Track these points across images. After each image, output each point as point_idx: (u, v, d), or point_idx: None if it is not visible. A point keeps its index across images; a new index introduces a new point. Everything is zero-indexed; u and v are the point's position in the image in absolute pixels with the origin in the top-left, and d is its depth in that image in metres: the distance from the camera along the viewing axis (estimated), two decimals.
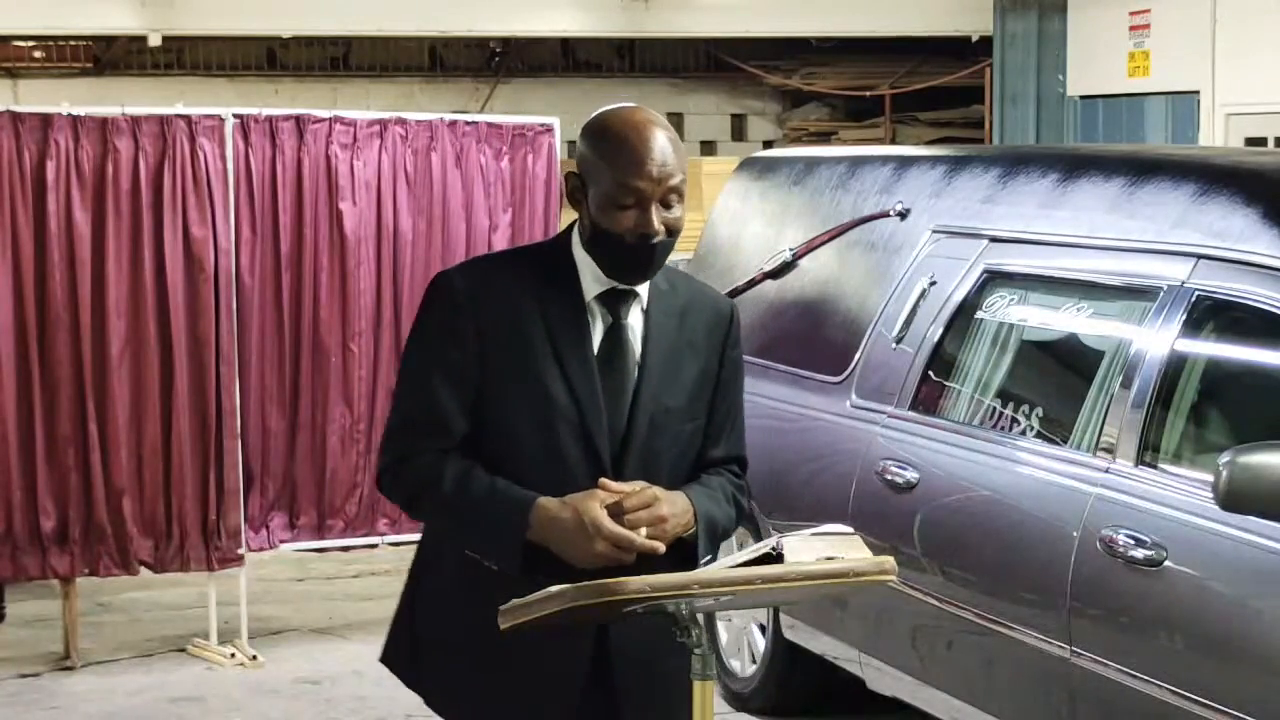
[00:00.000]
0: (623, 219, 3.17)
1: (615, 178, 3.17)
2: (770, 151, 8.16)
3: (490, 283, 3.27)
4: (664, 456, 3.31)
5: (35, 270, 7.05)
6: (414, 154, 7.58)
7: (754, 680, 6.51)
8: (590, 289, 3.27)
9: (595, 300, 3.27)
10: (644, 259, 3.22)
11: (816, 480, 6.01)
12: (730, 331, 3.41)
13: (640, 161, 3.16)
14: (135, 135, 7.13)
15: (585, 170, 3.24)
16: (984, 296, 5.63)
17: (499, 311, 3.22)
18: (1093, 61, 13.33)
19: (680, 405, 3.32)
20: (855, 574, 3.12)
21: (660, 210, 3.19)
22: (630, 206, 3.17)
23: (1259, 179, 5.04)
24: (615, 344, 3.27)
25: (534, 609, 2.97)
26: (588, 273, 3.27)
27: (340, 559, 8.67)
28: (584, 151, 3.25)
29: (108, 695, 6.97)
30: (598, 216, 3.20)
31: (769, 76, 16.51)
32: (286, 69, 16.17)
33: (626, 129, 3.20)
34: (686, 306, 3.36)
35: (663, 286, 3.34)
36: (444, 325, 3.24)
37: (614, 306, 3.28)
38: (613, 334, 3.28)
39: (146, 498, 7.24)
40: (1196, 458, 4.70)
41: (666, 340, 3.31)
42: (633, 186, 3.16)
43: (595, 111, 3.31)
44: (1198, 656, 4.42)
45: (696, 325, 3.36)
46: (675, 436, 3.33)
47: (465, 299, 3.22)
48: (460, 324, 3.22)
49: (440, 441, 3.24)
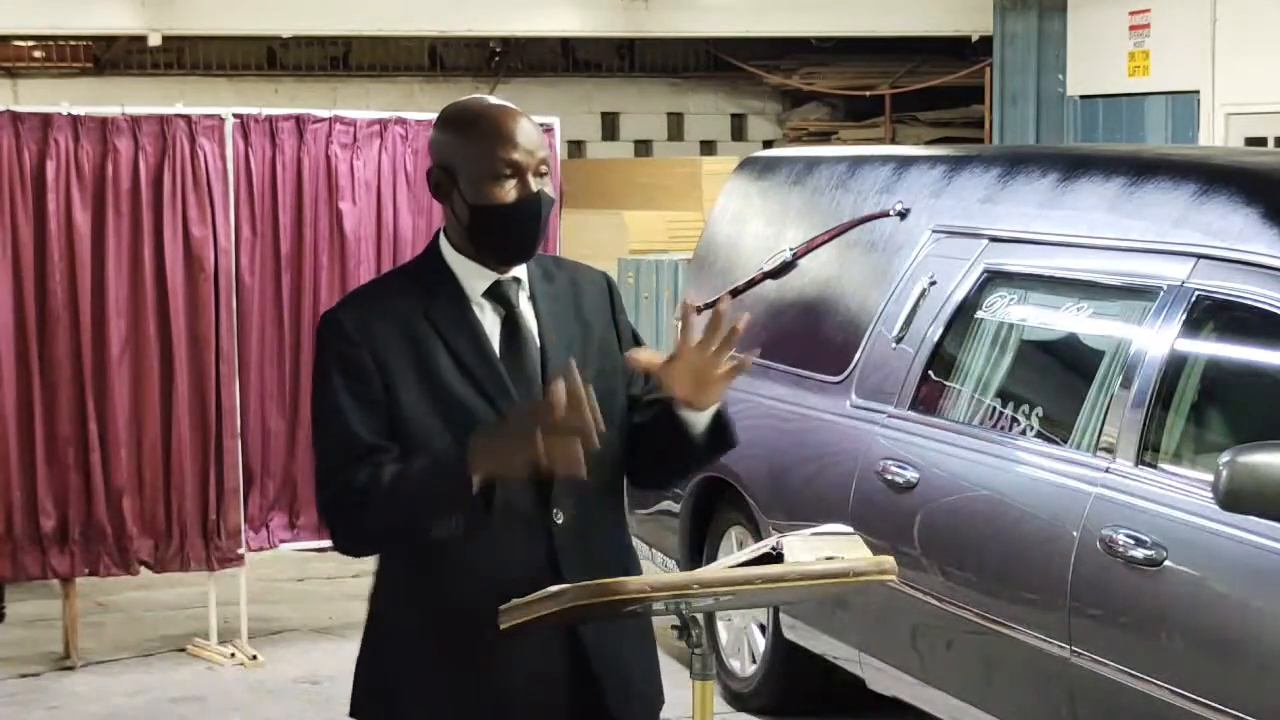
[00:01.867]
0: (504, 191, 3.17)
1: (490, 153, 3.17)
2: (770, 151, 8.15)
3: (373, 309, 3.22)
4: None
5: (35, 270, 7.05)
6: (414, 154, 7.57)
7: (754, 680, 6.51)
8: (474, 288, 3.24)
9: (483, 297, 3.25)
10: (531, 226, 3.20)
11: (816, 480, 6.01)
12: (613, 299, 3.40)
13: (511, 135, 3.18)
14: (135, 135, 7.13)
15: (451, 159, 3.22)
16: (984, 296, 5.63)
17: (390, 334, 3.18)
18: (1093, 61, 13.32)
19: (588, 377, 3.17)
20: (855, 574, 3.12)
21: (535, 180, 3.20)
22: (508, 177, 3.18)
23: (1259, 179, 5.05)
24: (513, 333, 3.24)
25: (533, 609, 2.97)
26: (467, 273, 3.25)
27: (340, 559, 8.61)
28: (447, 141, 3.24)
29: (108, 695, 6.97)
30: (477, 197, 3.18)
31: (769, 76, 16.51)
32: (286, 69, 16.17)
33: (488, 110, 3.24)
34: (566, 287, 3.34)
35: (539, 273, 3.32)
36: (340, 362, 3.18)
37: (502, 298, 3.25)
38: (509, 324, 3.24)
39: (146, 498, 7.24)
40: (1196, 458, 4.70)
41: (559, 322, 3.29)
42: (509, 159, 3.17)
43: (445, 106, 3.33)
44: (1198, 656, 4.42)
45: (582, 303, 3.34)
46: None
47: (354, 331, 3.18)
48: (356, 356, 3.17)
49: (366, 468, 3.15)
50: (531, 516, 3.18)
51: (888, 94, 15.67)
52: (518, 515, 3.15)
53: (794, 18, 14.54)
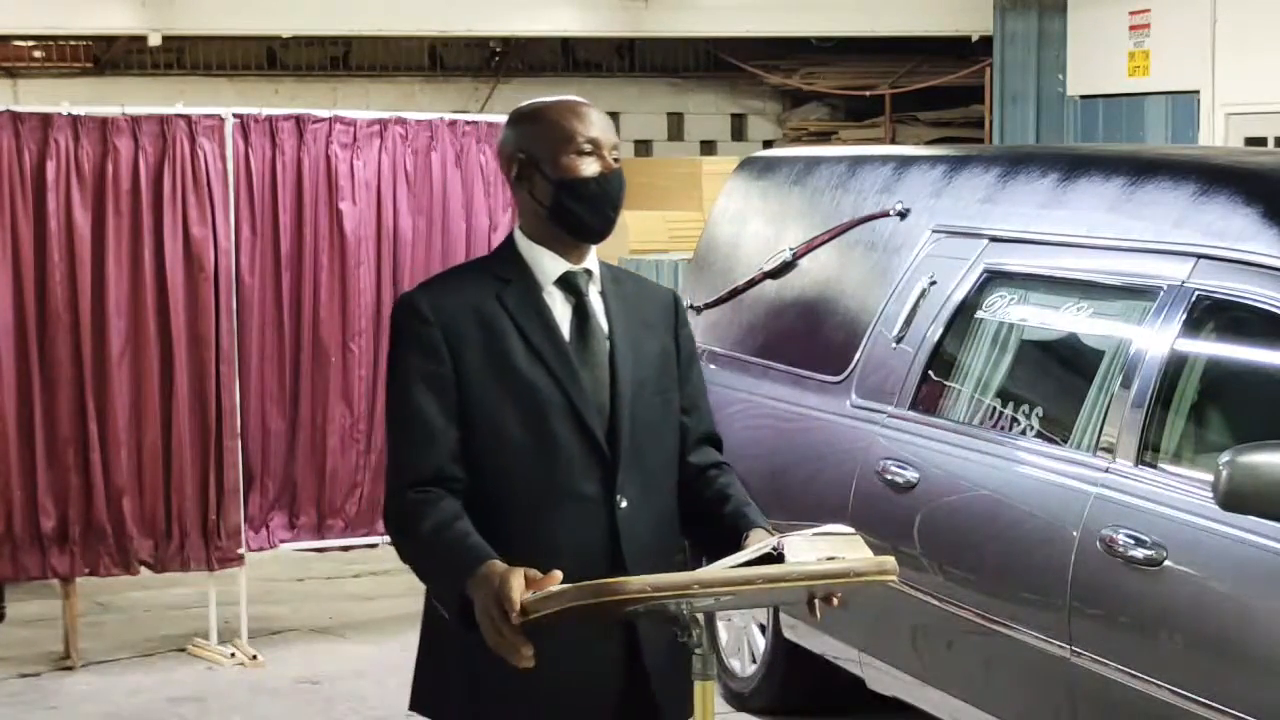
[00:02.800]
0: (586, 164, 3.32)
1: (571, 131, 3.32)
2: (770, 151, 8.15)
3: (451, 293, 3.36)
4: (648, 429, 3.37)
5: (35, 270, 7.06)
6: (414, 154, 7.58)
7: (754, 680, 6.51)
8: (547, 276, 3.36)
9: (554, 285, 3.36)
10: (611, 200, 3.34)
11: (816, 480, 6.01)
12: (678, 314, 3.53)
13: (588, 116, 3.36)
14: (135, 135, 7.13)
15: (531, 145, 3.36)
16: (984, 296, 5.63)
17: (465, 317, 3.30)
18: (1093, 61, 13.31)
19: (650, 377, 3.40)
20: (856, 574, 3.12)
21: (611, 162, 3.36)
22: (589, 153, 3.32)
23: (1259, 179, 5.04)
24: (584, 321, 3.36)
25: (534, 609, 2.98)
26: (542, 261, 3.37)
27: (340, 559, 8.67)
28: (524, 131, 3.39)
29: (108, 695, 6.98)
30: (561, 173, 3.32)
31: (769, 76, 16.50)
32: (286, 69, 16.15)
33: (566, 102, 3.40)
34: (634, 294, 3.48)
35: (610, 276, 3.46)
36: (414, 341, 3.30)
37: (573, 287, 3.37)
38: (580, 312, 3.36)
39: (146, 498, 7.25)
40: (1196, 458, 4.70)
41: (626, 318, 3.41)
42: (590, 136, 3.33)
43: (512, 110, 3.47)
44: (1198, 656, 4.42)
45: (647, 310, 3.47)
46: (652, 408, 3.39)
47: (428, 310, 3.30)
48: (429, 336, 3.28)
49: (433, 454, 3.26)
50: (597, 501, 3.30)
51: (888, 94, 15.66)
52: (583, 499, 3.28)
53: (794, 18, 14.53)
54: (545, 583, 3.00)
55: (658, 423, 3.40)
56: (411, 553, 3.27)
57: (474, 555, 3.13)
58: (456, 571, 3.13)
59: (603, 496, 3.30)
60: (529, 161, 3.35)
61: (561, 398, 3.28)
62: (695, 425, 3.51)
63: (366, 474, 7.54)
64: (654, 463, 3.38)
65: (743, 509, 3.43)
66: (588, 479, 3.29)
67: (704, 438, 3.53)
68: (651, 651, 3.32)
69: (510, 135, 3.41)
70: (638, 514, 3.32)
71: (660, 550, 3.34)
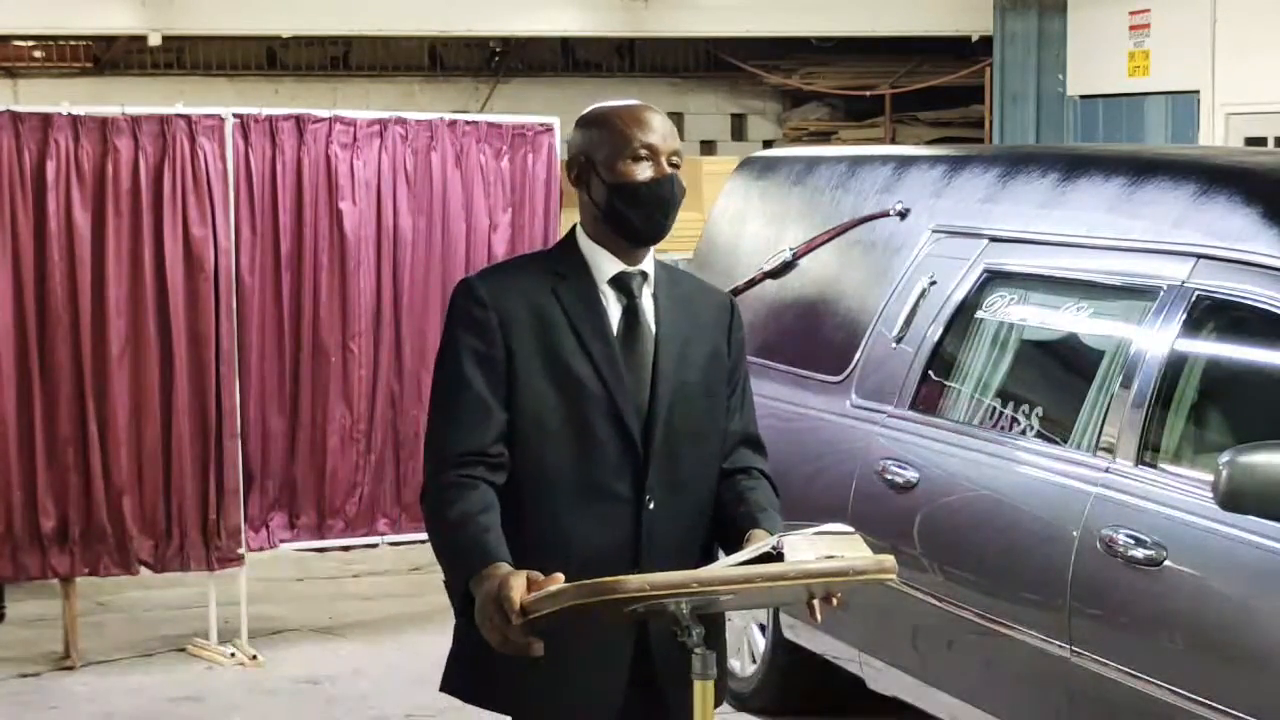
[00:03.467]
0: (640, 169, 3.38)
1: (629, 137, 3.39)
2: (770, 151, 8.15)
3: (507, 279, 3.44)
4: (685, 430, 3.42)
5: (35, 270, 7.05)
6: (414, 154, 7.58)
7: (754, 680, 6.51)
8: (602, 274, 3.43)
9: (608, 284, 3.43)
10: (664, 205, 3.40)
11: (816, 480, 6.01)
12: (733, 318, 3.59)
13: (648, 123, 3.42)
14: (135, 135, 7.13)
15: (590, 147, 3.44)
16: (984, 296, 5.63)
17: (519, 303, 3.37)
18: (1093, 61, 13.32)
19: (695, 381, 3.45)
20: (855, 573, 3.12)
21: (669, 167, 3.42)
22: (644, 159, 3.39)
23: (1259, 179, 5.04)
24: (632, 322, 3.42)
25: (533, 608, 2.98)
26: (598, 260, 3.44)
27: (340, 559, 8.67)
28: (587, 134, 3.46)
29: (108, 695, 6.97)
30: (615, 177, 3.38)
31: (769, 76, 16.50)
32: (286, 69, 16.15)
33: (629, 108, 3.48)
34: (690, 295, 3.54)
35: (666, 277, 3.52)
36: (469, 322, 3.37)
37: (626, 288, 3.43)
38: (629, 313, 3.42)
39: (146, 498, 7.24)
40: (1196, 458, 4.70)
41: (677, 320, 3.47)
42: (646, 142, 3.40)
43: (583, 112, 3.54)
44: (1198, 656, 4.42)
45: (701, 312, 3.53)
46: (693, 411, 3.44)
47: (486, 295, 3.38)
48: (484, 318, 3.35)
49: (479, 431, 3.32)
50: (626, 498, 3.36)
51: (888, 94, 15.66)
52: (613, 496, 3.34)
53: (794, 18, 14.53)
54: (546, 584, 3.01)
55: (700, 425, 3.45)
56: (434, 537, 3.33)
57: (483, 553, 3.17)
58: (465, 567, 3.19)
59: (632, 495, 3.36)
60: (588, 164, 3.43)
61: (604, 394, 3.35)
62: (735, 427, 3.55)
63: (366, 474, 7.54)
64: (690, 464, 3.43)
65: (754, 512, 3.45)
66: (619, 476, 3.35)
67: (743, 440, 3.57)
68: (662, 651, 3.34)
69: (575, 137, 3.49)
70: (664, 514, 3.37)
71: (683, 552, 3.37)
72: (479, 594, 3.11)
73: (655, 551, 3.33)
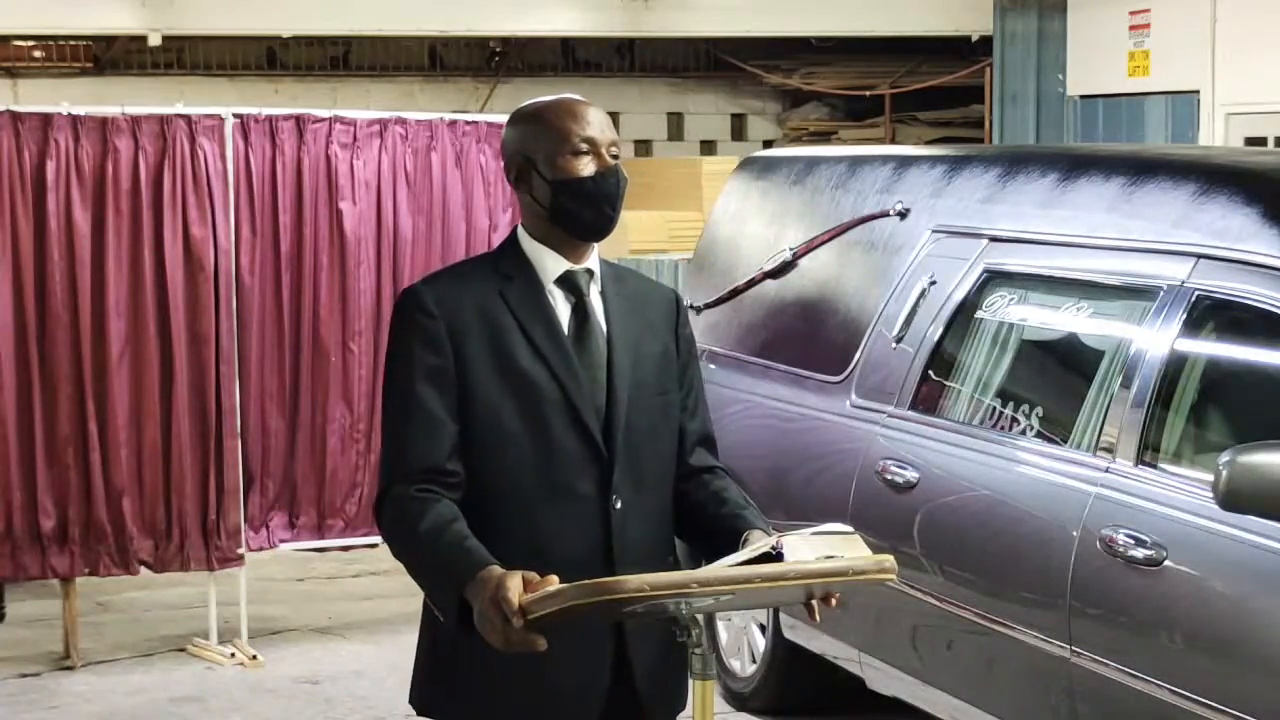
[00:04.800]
0: (582, 164, 3.33)
1: (566, 131, 3.33)
2: (770, 151, 8.15)
3: (453, 287, 3.37)
4: (644, 429, 3.38)
5: (35, 270, 7.05)
6: (414, 154, 7.58)
7: (754, 680, 6.51)
8: (548, 275, 3.37)
9: (555, 284, 3.38)
10: (609, 199, 3.34)
11: (816, 480, 6.01)
12: (679, 314, 3.54)
13: (585, 115, 3.36)
14: (135, 135, 7.13)
15: (528, 146, 3.38)
16: (984, 296, 5.63)
17: (466, 311, 3.31)
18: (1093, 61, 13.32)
19: (650, 379, 3.41)
20: (855, 573, 3.11)
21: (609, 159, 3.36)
22: (585, 153, 3.33)
23: (1259, 179, 5.04)
24: (583, 321, 3.37)
25: (533, 609, 2.97)
26: (543, 260, 3.38)
27: (340, 559, 8.67)
28: (522, 132, 3.40)
29: (108, 695, 6.98)
30: (557, 174, 3.33)
31: (769, 76, 16.50)
32: (286, 69, 16.14)
33: (562, 101, 3.41)
34: (636, 292, 3.49)
35: (612, 275, 3.47)
36: (417, 334, 3.30)
37: (574, 286, 3.38)
38: (579, 312, 3.37)
39: (146, 498, 7.25)
40: (1196, 458, 4.70)
41: (627, 318, 3.42)
42: (586, 135, 3.33)
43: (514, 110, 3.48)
44: (1198, 656, 4.42)
45: (649, 309, 3.48)
46: (650, 409, 3.40)
47: (434, 305, 3.31)
48: (432, 329, 3.29)
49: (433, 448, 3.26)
50: (591, 499, 3.31)
51: (888, 94, 15.66)
52: (578, 497, 3.30)
53: (794, 18, 14.53)
54: (542, 585, 3.01)
55: (655, 424, 3.41)
56: (406, 552, 3.26)
57: (471, 560, 3.13)
58: (454, 576, 3.13)
59: (597, 495, 3.31)
60: (527, 163, 3.36)
61: (560, 395, 3.30)
62: (693, 427, 3.51)
63: (366, 474, 7.54)
64: (650, 463, 3.39)
65: (740, 510, 3.43)
66: (583, 477, 3.30)
67: (701, 439, 3.53)
68: (639, 651, 3.33)
69: (509, 136, 3.42)
70: (631, 514, 3.33)
71: (652, 551, 3.35)
72: (477, 599, 3.06)
73: (627, 552, 3.29)
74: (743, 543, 3.26)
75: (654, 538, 3.39)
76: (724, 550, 3.25)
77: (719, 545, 3.31)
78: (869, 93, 15.78)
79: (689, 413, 3.50)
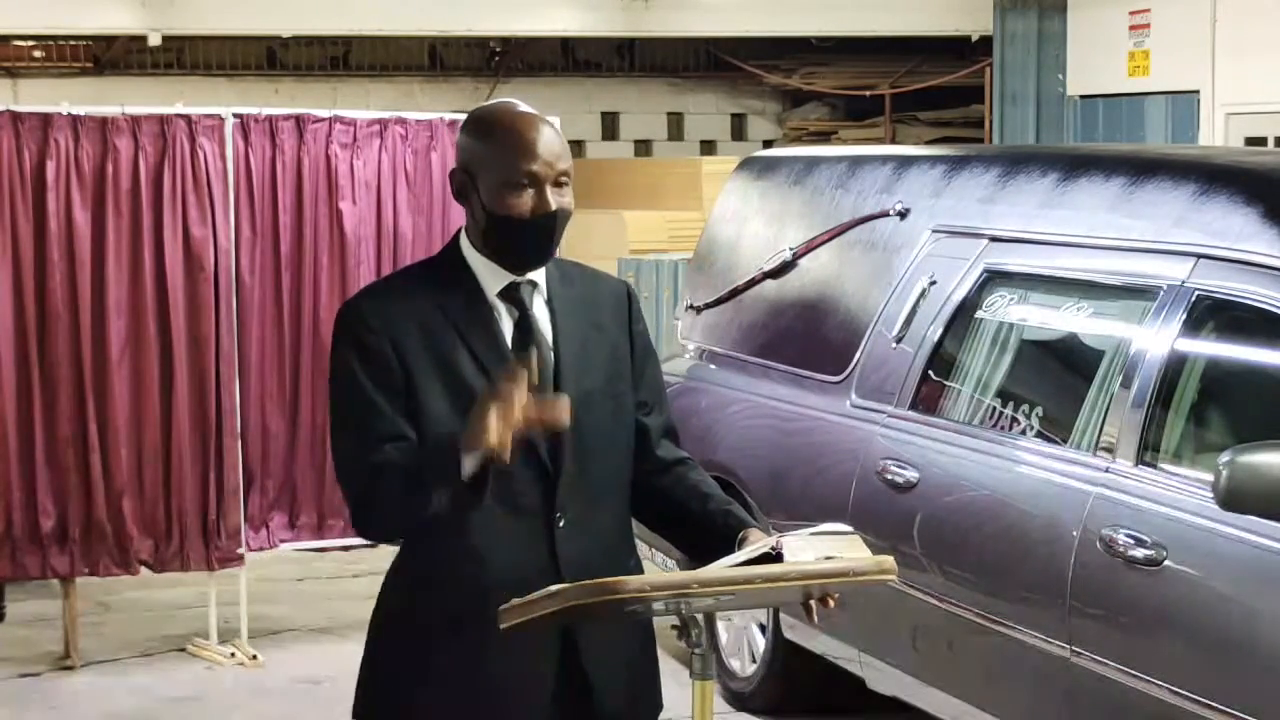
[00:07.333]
0: (520, 202, 3.21)
1: (509, 163, 3.21)
2: (770, 151, 8.15)
3: (393, 299, 3.28)
4: (594, 437, 3.29)
5: (35, 270, 7.05)
6: (414, 154, 7.57)
7: (754, 680, 6.51)
8: (491, 287, 3.29)
9: (498, 297, 3.29)
10: (544, 238, 3.24)
11: (816, 480, 6.00)
12: (631, 309, 3.44)
13: (531, 146, 3.21)
14: (135, 135, 7.13)
15: (473, 164, 3.28)
16: (984, 296, 5.63)
17: (407, 323, 3.22)
18: (1093, 61, 13.32)
19: (599, 385, 3.31)
20: (855, 573, 3.11)
21: (554, 192, 3.24)
22: (526, 187, 3.21)
23: (1259, 179, 5.04)
24: (526, 335, 3.28)
25: (533, 609, 2.96)
26: (485, 272, 3.29)
27: (340, 559, 8.67)
28: (470, 145, 3.30)
29: (108, 695, 6.98)
30: (493, 205, 3.23)
31: (769, 76, 16.50)
32: (286, 69, 16.15)
33: (512, 119, 3.28)
34: (585, 293, 3.39)
35: (558, 276, 3.37)
36: (360, 349, 3.22)
37: (517, 300, 3.30)
38: (522, 325, 3.28)
39: (146, 498, 7.24)
40: (1196, 458, 4.70)
41: (574, 325, 3.33)
42: (527, 170, 3.20)
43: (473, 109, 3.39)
44: (1198, 656, 4.42)
45: (598, 308, 3.39)
46: (601, 417, 3.31)
47: (372, 318, 3.22)
48: (373, 342, 3.20)
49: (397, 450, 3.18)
50: (535, 517, 3.23)
51: (888, 94, 15.66)
52: (522, 515, 3.21)
53: (794, 18, 14.53)
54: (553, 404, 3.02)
55: (608, 431, 3.32)
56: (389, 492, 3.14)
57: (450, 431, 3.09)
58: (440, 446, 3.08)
59: (542, 512, 3.23)
60: (470, 180, 3.28)
61: None
62: (655, 422, 3.44)
63: None
64: (602, 475, 3.30)
65: (727, 506, 3.38)
66: (527, 494, 3.22)
67: (665, 432, 3.46)
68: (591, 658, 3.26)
69: (460, 141, 3.33)
70: (578, 531, 3.25)
71: (603, 566, 3.18)
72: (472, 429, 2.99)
73: (574, 568, 3.17)
74: (740, 543, 3.24)
75: (604, 553, 3.27)
76: (717, 547, 3.22)
77: (708, 542, 3.28)
78: (869, 93, 15.78)
79: (648, 408, 3.42)
